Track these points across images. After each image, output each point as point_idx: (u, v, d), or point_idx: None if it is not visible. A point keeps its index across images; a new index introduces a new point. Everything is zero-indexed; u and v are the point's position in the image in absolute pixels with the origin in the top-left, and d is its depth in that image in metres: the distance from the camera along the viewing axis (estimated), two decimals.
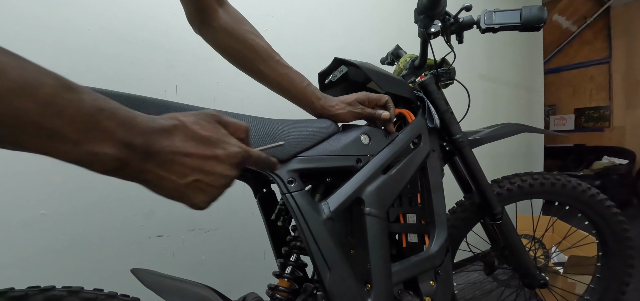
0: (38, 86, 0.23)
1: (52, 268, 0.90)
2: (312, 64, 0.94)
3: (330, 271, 0.54)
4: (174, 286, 0.55)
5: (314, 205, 0.55)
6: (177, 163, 0.32)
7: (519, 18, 0.76)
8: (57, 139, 0.25)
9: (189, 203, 0.34)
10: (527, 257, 0.93)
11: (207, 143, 0.34)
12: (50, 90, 0.24)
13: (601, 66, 4.15)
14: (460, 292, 1.64)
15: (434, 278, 0.69)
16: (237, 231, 1.21)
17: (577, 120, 4.39)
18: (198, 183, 0.33)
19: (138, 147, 0.29)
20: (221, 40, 0.61)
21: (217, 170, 0.34)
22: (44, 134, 0.24)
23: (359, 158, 0.63)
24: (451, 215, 0.98)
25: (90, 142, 0.26)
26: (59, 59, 0.88)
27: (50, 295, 0.43)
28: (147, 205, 1.04)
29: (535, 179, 0.96)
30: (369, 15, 1.59)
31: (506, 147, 2.25)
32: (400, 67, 0.90)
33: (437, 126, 0.76)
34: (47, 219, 0.90)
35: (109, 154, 0.27)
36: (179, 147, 0.32)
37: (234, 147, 0.36)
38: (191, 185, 0.33)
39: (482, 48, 2.15)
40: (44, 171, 0.90)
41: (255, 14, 1.24)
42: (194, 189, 0.33)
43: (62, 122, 0.24)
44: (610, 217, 0.99)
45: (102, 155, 0.27)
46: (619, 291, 1.03)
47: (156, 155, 0.30)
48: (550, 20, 3.74)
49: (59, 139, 0.25)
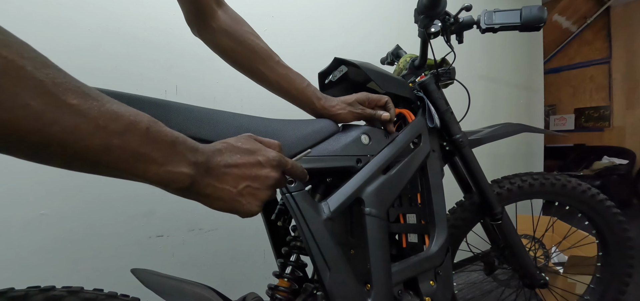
0: (138, 122, 0.30)
1: (52, 268, 0.90)
2: (312, 64, 0.94)
3: (330, 271, 0.54)
4: (174, 286, 0.55)
5: (314, 205, 0.55)
6: (230, 174, 0.38)
7: (519, 18, 0.76)
8: (148, 162, 0.31)
9: (243, 209, 0.40)
10: (527, 257, 0.93)
11: (249, 153, 0.41)
12: (146, 125, 0.31)
13: (601, 66, 4.15)
14: (460, 292, 1.64)
15: (434, 278, 0.69)
16: (237, 231, 1.21)
17: (577, 120, 4.39)
18: (248, 189, 0.40)
19: (201, 164, 0.36)
20: (220, 42, 0.61)
21: (262, 173, 0.41)
22: (141, 159, 0.31)
23: (359, 158, 0.63)
24: (451, 215, 0.98)
25: (171, 164, 0.33)
26: (59, 58, 0.87)
27: (50, 295, 0.43)
28: (147, 205, 1.04)
29: (535, 179, 0.96)
30: (369, 15, 1.59)
31: (506, 147, 2.25)
32: (400, 67, 0.90)
33: (437, 126, 0.76)
34: (47, 219, 0.90)
35: (184, 173, 0.34)
36: (228, 160, 0.39)
37: (271, 153, 0.42)
38: (243, 192, 0.39)
39: (482, 48, 2.15)
40: (44, 171, 0.90)
41: (255, 14, 1.24)
42: (246, 195, 0.40)
43: (153, 148, 0.31)
44: (610, 217, 0.99)
45: (180, 174, 0.34)
46: (619, 291, 1.03)
47: (213, 169, 0.37)
48: (550, 20, 3.74)
49: (149, 162, 0.31)
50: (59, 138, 0.26)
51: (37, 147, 0.26)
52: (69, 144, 0.26)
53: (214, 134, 0.49)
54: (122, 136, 0.29)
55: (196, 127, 0.48)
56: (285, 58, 0.66)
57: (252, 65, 0.62)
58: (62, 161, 0.28)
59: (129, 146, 0.29)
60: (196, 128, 0.48)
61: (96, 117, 0.27)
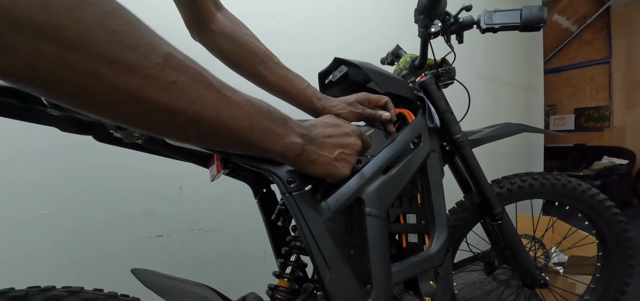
0: (262, 105, 0.38)
1: (52, 268, 0.90)
2: (312, 64, 0.94)
3: (330, 271, 0.54)
4: (174, 286, 0.55)
5: (314, 205, 0.55)
6: (326, 143, 0.46)
7: (519, 18, 0.76)
8: (275, 136, 0.39)
9: (338, 173, 0.48)
10: (527, 257, 0.93)
11: (337, 126, 0.49)
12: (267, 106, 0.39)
13: (601, 66, 4.15)
14: (460, 292, 1.64)
15: (434, 278, 0.69)
16: (237, 231, 1.21)
17: (577, 120, 4.39)
18: (342, 154, 0.48)
19: (305, 136, 0.44)
20: (220, 45, 0.61)
21: (350, 141, 0.49)
22: (270, 134, 0.38)
23: (359, 158, 0.63)
24: (451, 215, 0.98)
25: (288, 136, 0.41)
26: None
27: (50, 295, 0.43)
28: (147, 204, 1.04)
29: (535, 179, 0.96)
30: (369, 15, 1.59)
31: (506, 147, 2.25)
32: (400, 67, 0.90)
33: (437, 126, 0.76)
34: (47, 219, 0.90)
35: (297, 142, 0.42)
36: (324, 132, 0.47)
37: (353, 125, 0.51)
38: (338, 157, 0.47)
39: (482, 48, 2.15)
40: (44, 171, 0.90)
41: (256, 14, 1.24)
42: (340, 160, 0.48)
43: (276, 125, 0.39)
44: (610, 216, 0.99)
45: (295, 143, 0.42)
46: (619, 291, 1.03)
47: (314, 139, 0.45)
48: (550, 20, 3.74)
49: (275, 136, 0.39)
50: (225, 123, 0.33)
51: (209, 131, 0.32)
52: (230, 127, 0.34)
53: None
54: (258, 117, 0.37)
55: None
56: (285, 58, 0.66)
57: (252, 67, 0.62)
58: (225, 142, 0.35)
59: (262, 125, 0.37)
60: None
61: (242, 104, 0.35)
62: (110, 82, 0.25)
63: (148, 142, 0.55)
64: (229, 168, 0.59)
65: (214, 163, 0.58)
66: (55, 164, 0.92)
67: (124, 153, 0.99)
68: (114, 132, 0.52)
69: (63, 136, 0.61)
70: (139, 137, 0.52)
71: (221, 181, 1.16)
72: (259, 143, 0.37)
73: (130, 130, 0.51)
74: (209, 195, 1.15)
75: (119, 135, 0.53)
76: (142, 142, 0.54)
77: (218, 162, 0.57)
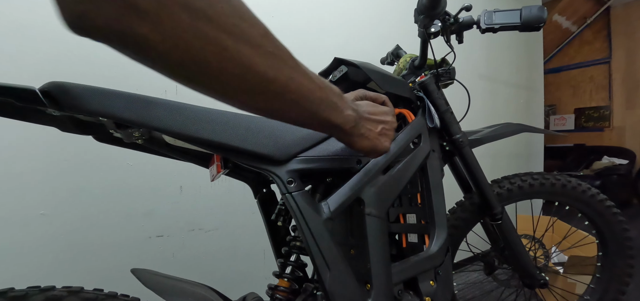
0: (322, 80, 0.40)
1: (52, 268, 0.90)
2: (311, 64, 0.94)
3: (330, 271, 0.54)
4: (174, 286, 0.55)
5: (314, 205, 0.55)
6: (371, 119, 0.49)
7: (519, 18, 0.76)
8: (336, 109, 0.42)
9: (382, 146, 0.50)
10: (527, 257, 0.93)
11: (376, 105, 0.53)
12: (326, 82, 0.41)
13: (601, 66, 4.15)
14: (460, 292, 1.64)
15: (434, 278, 0.69)
16: (237, 231, 1.21)
17: (577, 120, 4.39)
18: (384, 130, 0.51)
19: (356, 110, 0.46)
20: None
21: (388, 118, 0.53)
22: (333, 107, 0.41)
23: (359, 158, 0.63)
24: (451, 215, 0.98)
25: (345, 109, 0.44)
26: (59, 58, 0.88)
27: (50, 295, 0.43)
28: (147, 204, 1.04)
29: (535, 179, 0.96)
30: (369, 15, 1.59)
31: (506, 147, 2.25)
32: (400, 67, 0.90)
33: (437, 126, 0.76)
34: (47, 219, 0.90)
35: (352, 115, 0.45)
36: (367, 110, 0.50)
37: (387, 103, 0.57)
38: (381, 133, 0.51)
39: (482, 48, 2.15)
40: (44, 171, 0.90)
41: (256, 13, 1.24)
42: (383, 135, 0.51)
43: (337, 99, 0.42)
44: (610, 216, 0.99)
45: (350, 116, 0.44)
46: (619, 291, 1.03)
47: (362, 115, 0.48)
48: (550, 20, 3.74)
49: (337, 109, 0.42)
50: (303, 95, 0.36)
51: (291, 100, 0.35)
52: (306, 98, 0.37)
53: (214, 134, 0.49)
54: (326, 91, 0.40)
55: (196, 127, 0.48)
56: None
57: None
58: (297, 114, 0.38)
59: (328, 98, 0.40)
60: (196, 128, 0.48)
61: (314, 78, 0.38)
62: (232, 53, 0.27)
63: (148, 142, 0.55)
64: (229, 168, 0.59)
65: (214, 163, 0.58)
66: (55, 164, 0.92)
67: (124, 153, 0.99)
68: (114, 132, 0.52)
69: (63, 136, 0.62)
70: (139, 136, 0.52)
71: (221, 181, 1.16)
72: (325, 115, 0.40)
73: (131, 130, 0.51)
74: (209, 195, 1.15)
75: (119, 135, 0.53)
76: (142, 142, 0.54)
77: (218, 162, 0.57)
